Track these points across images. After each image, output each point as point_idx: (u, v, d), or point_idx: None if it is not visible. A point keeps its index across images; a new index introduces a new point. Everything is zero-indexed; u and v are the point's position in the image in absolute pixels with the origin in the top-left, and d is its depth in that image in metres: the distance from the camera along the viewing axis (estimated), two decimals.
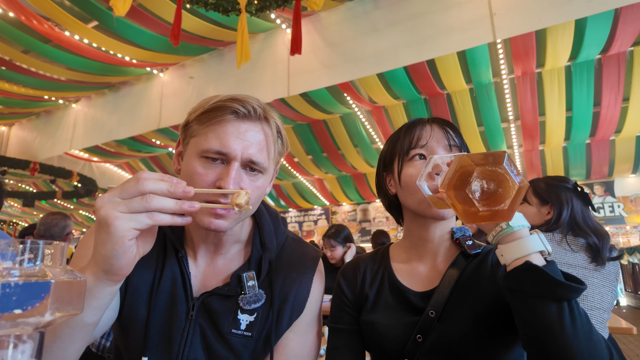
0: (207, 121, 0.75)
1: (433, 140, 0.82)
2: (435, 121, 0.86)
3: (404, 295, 0.82)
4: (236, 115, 0.75)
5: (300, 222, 11.07)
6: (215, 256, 0.86)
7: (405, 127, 0.88)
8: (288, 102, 5.35)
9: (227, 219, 0.74)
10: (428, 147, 0.82)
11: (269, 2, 3.28)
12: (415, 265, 0.87)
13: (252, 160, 0.74)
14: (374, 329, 0.82)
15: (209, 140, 0.74)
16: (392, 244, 0.98)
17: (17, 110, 6.48)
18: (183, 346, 0.76)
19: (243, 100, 0.76)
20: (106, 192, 0.55)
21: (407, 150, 0.83)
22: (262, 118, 0.79)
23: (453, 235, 0.86)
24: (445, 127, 0.84)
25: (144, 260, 0.82)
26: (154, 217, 0.53)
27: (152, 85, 5.54)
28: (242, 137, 0.74)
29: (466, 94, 5.13)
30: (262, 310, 0.80)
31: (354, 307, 0.89)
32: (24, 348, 0.36)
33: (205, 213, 0.73)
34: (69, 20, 4.03)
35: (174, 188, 0.54)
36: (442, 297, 0.77)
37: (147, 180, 0.54)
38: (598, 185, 8.67)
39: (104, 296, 0.59)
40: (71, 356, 0.62)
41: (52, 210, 10.07)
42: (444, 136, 0.83)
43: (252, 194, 0.76)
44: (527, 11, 3.27)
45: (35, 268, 0.37)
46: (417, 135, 0.84)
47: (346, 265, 0.97)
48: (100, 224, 0.53)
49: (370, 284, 0.89)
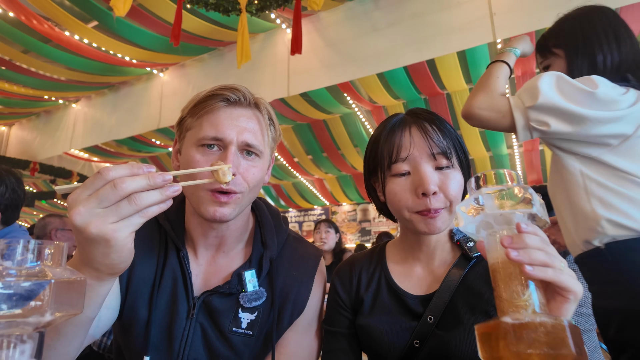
0: (200, 111, 0.77)
1: (415, 149, 0.76)
2: (415, 123, 0.78)
3: (402, 299, 0.79)
4: (227, 102, 0.77)
5: (300, 222, 11.07)
6: (217, 254, 0.86)
7: (385, 134, 0.81)
8: (288, 102, 5.34)
9: (229, 206, 0.75)
10: (410, 160, 0.76)
11: (269, 2, 3.28)
12: (412, 267, 0.84)
13: (248, 144, 0.76)
14: (370, 334, 0.79)
15: (204, 128, 0.75)
16: (389, 242, 0.94)
17: (17, 110, 6.48)
18: (184, 345, 0.76)
19: (233, 87, 0.78)
20: (77, 204, 0.49)
21: (389, 165, 0.78)
22: (253, 104, 0.81)
23: (453, 236, 0.83)
24: (425, 133, 0.76)
25: (145, 259, 0.82)
26: (145, 214, 0.52)
27: (152, 85, 5.54)
28: (235, 122, 0.76)
29: (466, 94, 5.12)
30: (263, 308, 0.80)
31: (349, 309, 0.86)
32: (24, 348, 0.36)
33: (209, 202, 0.74)
34: (69, 20, 4.03)
35: (153, 180, 0.52)
36: (441, 302, 0.74)
37: (124, 180, 0.50)
38: None
39: (107, 291, 0.60)
40: (73, 352, 0.62)
41: (52, 210, 10.07)
42: (425, 144, 0.75)
43: (252, 176, 0.77)
44: (527, 11, 3.27)
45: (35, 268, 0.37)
46: (397, 145, 0.77)
47: (341, 265, 0.94)
48: (96, 241, 0.50)
49: (366, 287, 0.85)
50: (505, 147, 6.79)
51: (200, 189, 0.74)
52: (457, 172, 0.76)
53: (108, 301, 0.75)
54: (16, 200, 1.60)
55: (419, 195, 0.72)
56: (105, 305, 0.74)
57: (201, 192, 0.75)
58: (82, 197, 0.50)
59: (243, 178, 0.76)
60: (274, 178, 8.82)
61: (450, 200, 0.73)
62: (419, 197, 0.72)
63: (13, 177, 1.61)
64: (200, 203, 0.75)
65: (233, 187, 0.74)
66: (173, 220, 0.87)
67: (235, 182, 0.74)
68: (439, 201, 0.73)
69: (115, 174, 0.50)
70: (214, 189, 0.73)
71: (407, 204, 0.75)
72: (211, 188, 0.73)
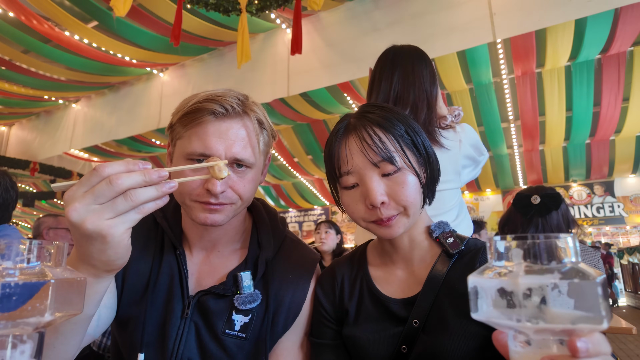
0: (189, 123, 0.76)
1: (355, 161, 0.71)
2: (354, 130, 0.72)
3: (385, 305, 0.76)
4: (215, 116, 0.75)
5: (300, 222, 11.07)
6: (211, 254, 0.86)
7: (328, 146, 0.76)
8: (288, 102, 5.35)
9: (222, 213, 0.75)
10: (354, 172, 0.71)
11: (270, 2, 3.28)
12: (392, 270, 0.80)
13: (237, 158, 0.75)
14: (356, 344, 0.76)
15: (192, 143, 0.75)
16: (370, 244, 0.90)
17: (17, 110, 6.48)
18: (177, 344, 0.76)
19: (220, 98, 0.75)
20: (73, 201, 0.49)
21: (338, 178, 0.74)
22: (242, 113, 0.78)
23: (431, 233, 0.79)
24: (363, 142, 0.70)
25: (141, 256, 0.82)
26: (141, 210, 0.52)
27: (152, 85, 5.54)
28: (223, 137, 0.74)
29: (466, 94, 5.13)
30: (257, 311, 0.79)
31: (334, 320, 0.82)
32: (24, 348, 0.36)
33: (200, 209, 0.74)
34: (69, 20, 4.03)
35: (149, 176, 0.51)
36: (425, 305, 0.71)
37: (120, 177, 0.49)
38: (598, 185, 8.67)
39: (105, 288, 0.60)
40: (72, 350, 0.62)
41: (52, 210, 10.07)
42: (364, 155, 0.70)
43: (243, 188, 0.77)
44: (527, 11, 3.27)
45: (35, 268, 0.37)
46: (337, 158, 0.73)
47: (323, 274, 0.89)
48: (92, 237, 0.50)
49: (349, 296, 0.81)
50: (505, 147, 6.79)
51: (190, 199, 0.74)
52: (407, 174, 0.71)
53: (107, 300, 0.75)
54: (7, 201, 1.59)
55: (369, 207, 0.70)
56: (104, 304, 0.74)
57: (191, 202, 0.75)
58: (78, 194, 0.50)
59: (234, 190, 0.75)
60: (274, 178, 8.83)
61: (404, 205, 0.70)
62: (370, 209, 0.70)
63: (8, 178, 1.61)
64: (191, 211, 0.75)
65: (223, 200, 0.74)
66: (171, 219, 0.87)
67: (226, 195, 0.74)
68: (391, 209, 0.70)
69: (110, 170, 0.50)
70: (204, 201, 0.73)
71: (361, 214, 0.72)
72: (201, 200, 0.73)
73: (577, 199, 8.85)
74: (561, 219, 1.76)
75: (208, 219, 0.74)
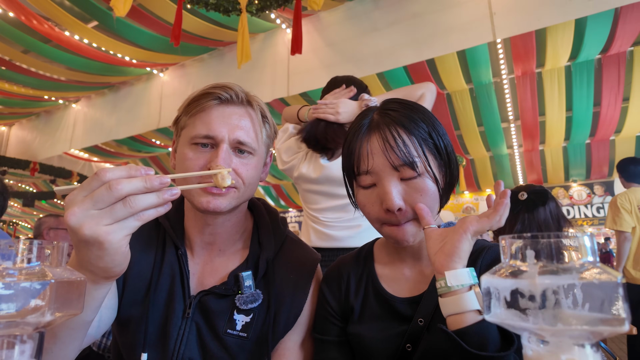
0: (193, 109, 0.78)
1: (375, 162, 0.69)
2: (377, 129, 0.70)
3: (390, 304, 0.76)
4: (219, 101, 0.78)
5: (300, 222, 11.06)
6: (213, 254, 0.86)
7: (349, 141, 0.75)
8: (288, 102, 5.34)
9: (225, 198, 0.75)
10: (372, 173, 0.70)
11: (270, 2, 3.28)
12: (400, 269, 0.81)
13: (239, 141, 0.76)
14: (361, 342, 0.76)
15: (196, 127, 0.76)
16: (377, 242, 0.90)
17: (17, 110, 6.48)
18: (179, 344, 0.76)
19: (225, 86, 0.79)
20: (73, 205, 0.49)
21: (356, 176, 0.73)
22: (246, 102, 0.81)
23: None
24: (386, 144, 0.68)
25: (143, 256, 0.82)
26: (141, 217, 0.51)
27: (152, 85, 5.54)
28: (227, 121, 0.76)
29: (466, 93, 5.12)
30: (258, 311, 0.80)
31: (339, 317, 0.82)
32: (24, 348, 0.36)
33: (202, 194, 0.74)
34: (69, 20, 4.03)
35: (150, 183, 0.50)
36: (431, 304, 0.71)
37: (120, 182, 0.49)
38: (598, 185, 8.67)
39: (103, 295, 0.59)
40: (71, 355, 0.62)
41: (52, 210, 10.07)
42: (385, 157, 0.68)
43: (246, 172, 0.78)
44: (527, 11, 3.27)
45: (35, 268, 0.37)
46: (357, 157, 0.72)
47: (328, 271, 0.89)
48: (89, 243, 0.49)
49: (355, 293, 0.82)
50: (505, 147, 6.79)
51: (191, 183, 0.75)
52: (427, 181, 0.69)
53: (107, 301, 0.75)
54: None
55: (385, 210, 0.69)
56: (105, 305, 0.74)
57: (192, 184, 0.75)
58: (78, 198, 0.49)
59: (237, 174, 0.76)
60: (274, 178, 8.82)
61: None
62: (385, 212, 0.70)
63: (1, 182, 1.62)
64: (193, 196, 0.76)
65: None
66: (173, 219, 0.87)
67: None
68: (407, 215, 0.69)
69: (111, 175, 0.49)
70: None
71: (376, 215, 0.72)
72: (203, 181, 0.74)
73: (577, 199, 8.85)
74: (549, 215, 1.77)
75: (210, 204, 0.74)
